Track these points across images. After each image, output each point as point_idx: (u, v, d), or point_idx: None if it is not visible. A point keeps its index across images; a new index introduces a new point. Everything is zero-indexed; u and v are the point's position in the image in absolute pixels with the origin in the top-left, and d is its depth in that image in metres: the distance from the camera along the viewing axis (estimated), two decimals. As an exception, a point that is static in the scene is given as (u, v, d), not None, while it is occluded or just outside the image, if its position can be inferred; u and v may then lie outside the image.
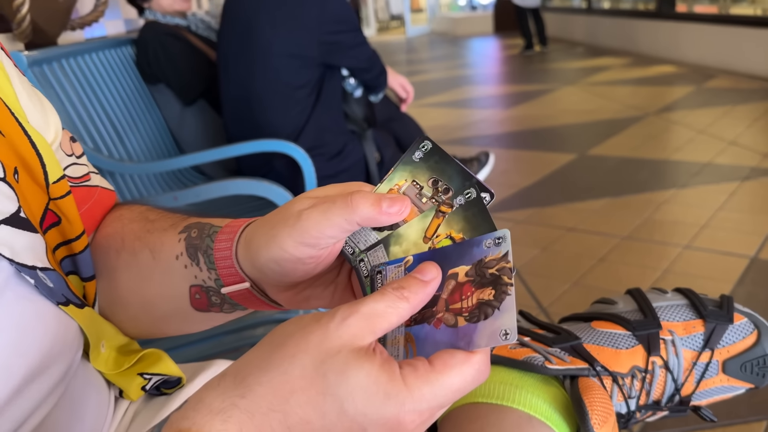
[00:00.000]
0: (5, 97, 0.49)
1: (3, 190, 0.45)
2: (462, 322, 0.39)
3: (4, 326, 0.44)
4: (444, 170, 0.45)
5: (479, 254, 0.41)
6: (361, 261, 0.46)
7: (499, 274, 0.39)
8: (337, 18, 2.10)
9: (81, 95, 1.91)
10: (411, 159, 0.45)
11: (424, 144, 0.45)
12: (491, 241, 0.41)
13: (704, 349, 0.64)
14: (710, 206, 2.83)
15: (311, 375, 0.35)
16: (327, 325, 0.36)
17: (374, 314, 0.37)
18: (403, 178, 0.46)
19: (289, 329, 0.37)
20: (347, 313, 0.36)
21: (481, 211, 0.44)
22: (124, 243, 0.58)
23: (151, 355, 0.62)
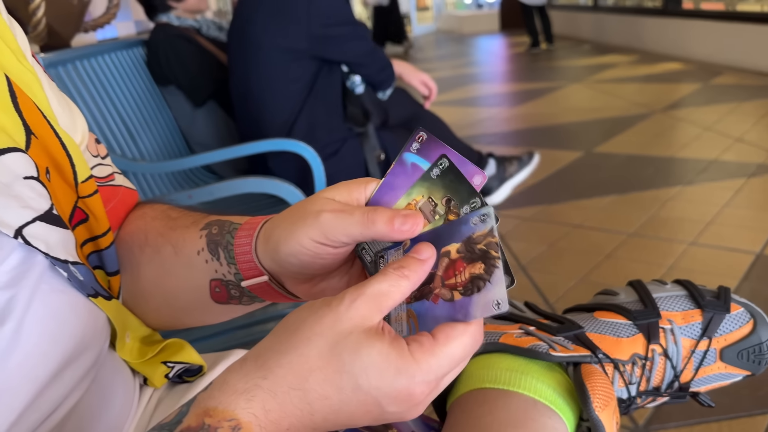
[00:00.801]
0: (38, 101, 0.51)
1: (37, 189, 0.48)
2: (458, 296, 0.42)
3: (41, 316, 0.47)
4: (457, 190, 0.46)
5: (467, 231, 0.44)
6: (363, 249, 0.50)
7: (487, 249, 0.42)
8: (327, 11, 2.09)
9: (94, 96, 1.94)
10: (429, 176, 0.47)
11: (442, 161, 0.47)
12: (477, 219, 0.44)
13: (702, 337, 0.67)
14: (716, 203, 2.84)
15: (327, 355, 0.39)
16: (337, 308, 0.40)
17: (379, 294, 0.41)
18: (421, 194, 0.48)
19: (302, 314, 0.41)
20: (355, 296, 0.40)
21: (457, 177, 0.47)
22: (147, 239, 0.62)
23: (174, 344, 0.66)
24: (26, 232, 0.46)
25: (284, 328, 0.41)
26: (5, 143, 0.45)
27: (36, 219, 0.47)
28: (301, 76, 2.14)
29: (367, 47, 2.25)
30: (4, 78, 0.47)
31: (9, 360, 0.44)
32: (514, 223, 2.88)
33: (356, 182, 0.50)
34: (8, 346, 0.44)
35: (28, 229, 0.46)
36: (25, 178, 0.46)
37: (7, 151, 0.45)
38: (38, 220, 0.47)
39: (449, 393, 0.64)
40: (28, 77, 0.51)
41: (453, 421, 0.60)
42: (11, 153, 0.45)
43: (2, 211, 0.44)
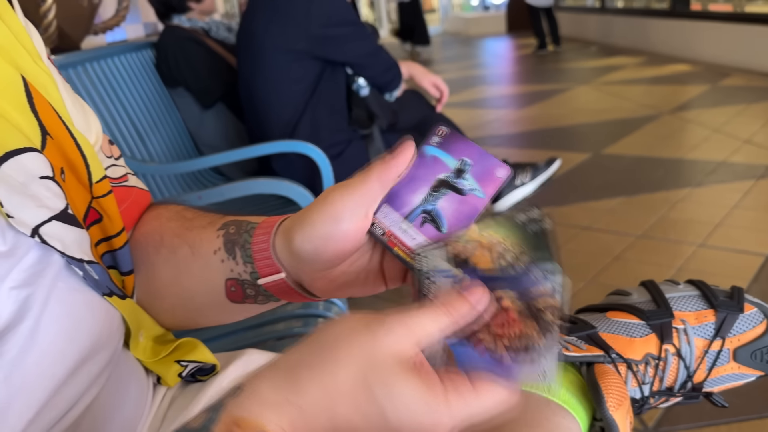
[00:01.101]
0: (54, 102, 0.52)
1: (53, 189, 0.48)
2: (502, 350, 0.40)
3: (58, 314, 0.47)
4: (536, 247, 0.45)
5: (528, 284, 0.41)
6: (419, 256, 0.47)
7: (545, 310, 0.40)
8: (327, 11, 2.09)
9: (104, 98, 1.95)
10: (515, 219, 0.46)
11: (533, 211, 0.46)
12: (541, 273, 0.41)
13: (715, 337, 0.66)
14: (725, 204, 2.83)
15: (359, 382, 0.38)
16: (375, 333, 0.39)
17: (419, 328, 0.40)
18: (498, 232, 0.46)
19: (338, 330, 0.40)
20: (395, 324, 0.39)
21: (542, 232, 0.45)
22: (163, 239, 0.62)
23: (188, 343, 0.66)
24: (43, 231, 0.46)
25: (319, 342, 0.41)
26: (22, 143, 0.46)
27: (52, 218, 0.47)
28: (303, 76, 2.14)
29: (369, 48, 2.24)
30: (20, 79, 0.48)
31: (26, 358, 0.44)
32: (522, 225, 2.87)
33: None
34: (25, 344, 0.44)
35: (44, 228, 0.46)
36: (41, 178, 0.47)
37: (24, 151, 0.46)
38: (54, 220, 0.47)
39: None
40: (44, 78, 0.51)
41: (465, 421, 0.60)
42: (28, 153, 0.46)
43: (19, 211, 0.44)
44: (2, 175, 0.44)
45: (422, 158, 0.49)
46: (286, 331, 1.19)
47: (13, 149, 0.45)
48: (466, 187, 0.49)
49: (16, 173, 0.45)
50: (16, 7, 0.52)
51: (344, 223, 0.48)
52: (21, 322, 0.44)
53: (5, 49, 0.48)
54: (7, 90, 0.46)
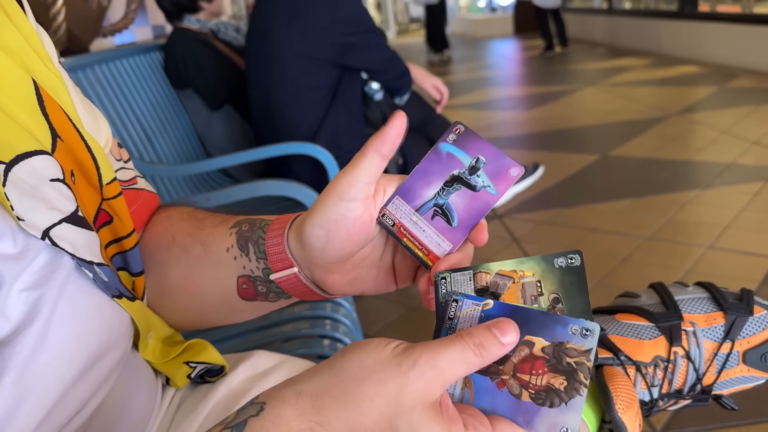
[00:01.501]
0: (64, 104, 0.52)
1: (63, 191, 0.48)
2: (526, 397, 0.40)
3: (68, 316, 0.48)
4: (573, 296, 0.44)
5: (562, 336, 0.40)
6: (444, 279, 0.47)
7: (577, 369, 0.39)
8: (349, 19, 2.10)
9: (113, 100, 1.96)
10: (553, 262, 0.45)
11: (574, 258, 0.45)
12: (578, 329, 0.40)
13: (725, 340, 0.66)
14: (734, 206, 2.82)
15: (385, 423, 0.39)
16: (407, 375, 0.39)
17: (449, 370, 0.39)
18: (533, 271, 0.45)
19: (368, 363, 0.40)
20: (426, 367, 0.39)
21: (579, 282, 0.44)
22: (175, 239, 0.62)
23: (197, 344, 0.66)
24: (53, 234, 0.46)
25: (347, 373, 0.40)
26: (33, 146, 0.46)
27: (62, 220, 0.47)
28: (323, 83, 2.15)
29: (387, 54, 2.26)
30: (31, 82, 0.48)
31: (36, 359, 0.44)
32: (529, 227, 2.87)
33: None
34: (36, 345, 0.44)
35: (54, 230, 0.46)
36: (51, 181, 0.47)
37: (35, 154, 0.46)
38: (64, 222, 0.47)
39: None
40: (55, 81, 0.52)
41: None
42: (38, 156, 0.46)
43: (30, 213, 0.45)
44: (13, 177, 0.44)
45: (437, 154, 0.49)
46: (293, 333, 1.19)
47: (24, 152, 0.45)
48: (479, 184, 0.49)
49: (27, 176, 0.45)
50: (27, 11, 0.53)
51: (352, 202, 0.49)
52: (31, 324, 0.44)
53: (16, 52, 0.48)
54: (18, 93, 0.47)
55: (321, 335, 1.15)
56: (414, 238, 0.50)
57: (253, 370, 0.72)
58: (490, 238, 2.64)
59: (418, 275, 0.53)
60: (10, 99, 0.46)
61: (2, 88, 0.45)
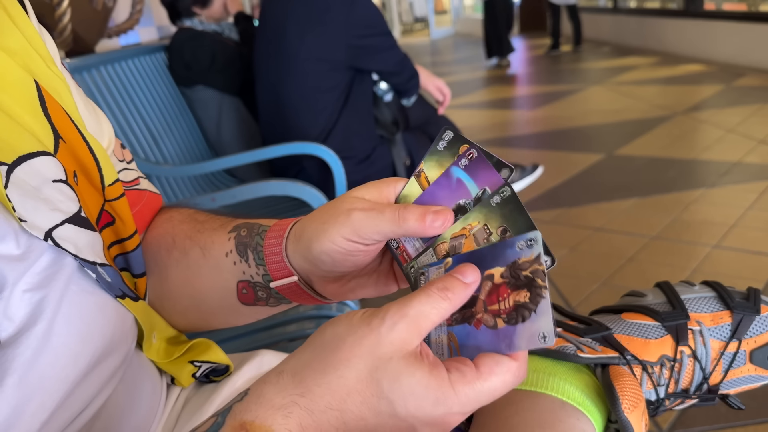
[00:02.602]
0: (66, 106, 0.52)
1: (66, 192, 0.48)
2: (501, 324, 0.41)
3: (71, 317, 0.48)
4: (516, 221, 0.45)
5: (513, 256, 0.42)
6: (412, 268, 0.49)
7: (533, 277, 0.40)
8: (364, 22, 2.12)
9: (118, 100, 1.97)
10: (489, 203, 0.46)
11: (504, 190, 0.46)
12: (523, 243, 0.42)
13: (732, 339, 0.66)
14: (740, 205, 2.81)
15: (366, 379, 0.39)
16: (378, 330, 0.39)
17: (420, 315, 0.40)
18: (477, 219, 0.47)
19: (340, 331, 0.40)
20: (396, 318, 0.39)
21: (517, 208, 0.45)
22: (175, 242, 0.62)
23: (201, 344, 0.66)
24: (56, 235, 0.46)
25: (322, 345, 0.41)
26: (35, 147, 0.46)
27: (65, 221, 0.47)
28: (335, 85, 2.16)
29: (399, 56, 2.28)
30: (33, 83, 0.48)
31: (40, 360, 0.44)
32: (535, 226, 2.86)
33: (385, 181, 0.51)
34: (39, 346, 0.44)
35: (57, 231, 0.46)
36: (54, 182, 0.47)
37: (37, 155, 0.46)
38: (67, 223, 0.47)
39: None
40: (57, 83, 0.52)
41: (480, 422, 0.60)
42: (41, 157, 0.46)
43: (33, 214, 0.45)
44: (15, 179, 0.44)
45: (448, 179, 0.49)
46: (298, 333, 1.19)
47: (26, 153, 0.45)
48: None
49: (30, 177, 0.45)
50: (29, 12, 0.53)
51: (366, 246, 0.49)
52: (35, 325, 0.44)
53: (18, 53, 0.48)
54: (20, 94, 0.47)
55: (326, 335, 1.15)
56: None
57: (258, 369, 0.72)
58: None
59: None
60: (12, 100, 0.46)
61: (4, 89, 0.46)
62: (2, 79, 0.46)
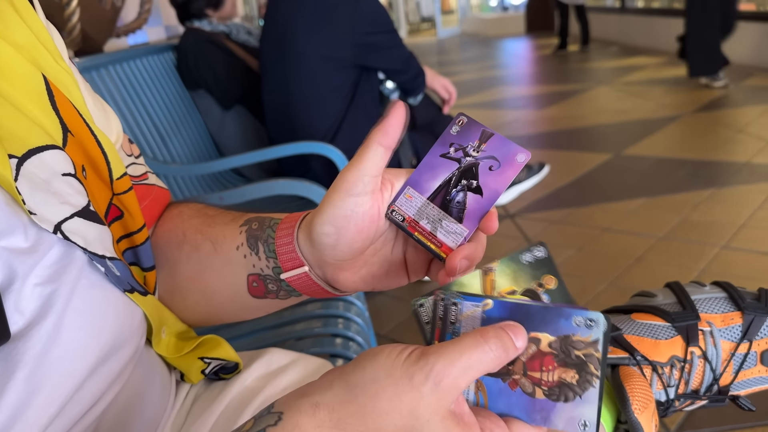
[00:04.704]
0: (74, 100, 0.52)
1: (75, 185, 0.49)
2: (540, 395, 0.39)
3: (80, 311, 0.48)
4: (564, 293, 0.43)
5: (567, 329, 0.39)
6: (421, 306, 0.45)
7: (586, 360, 0.39)
8: (370, 20, 2.12)
9: (126, 100, 1.97)
10: (520, 260, 0.45)
11: (539, 250, 0.45)
12: (582, 320, 0.39)
13: (742, 340, 0.65)
14: (749, 206, 2.80)
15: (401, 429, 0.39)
16: (420, 390, 0.38)
17: (463, 374, 0.38)
18: (504, 273, 0.45)
19: (380, 375, 0.39)
20: (440, 377, 0.38)
21: (552, 272, 0.44)
22: (185, 236, 0.62)
23: (211, 340, 0.66)
24: (65, 228, 0.46)
25: (361, 387, 0.40)
26: (44, 141, 0.46)
27: (74, 215, 0.47)
28: (342, 84, 2.16)
29: (405, 54, 2.28)
30: (41, 77, 0.48)
31: (50, 354, 0.44)
32: (542, 226, 2.86)
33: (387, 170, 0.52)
34: (49, 340, 0.44)
35: (66, 224, 0.46)
36: (63, 175, 0.47)
37: (46, 149, 0.46)
38: (76, 216, 0.48)
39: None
40: (65, 77, 0.52)
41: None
42: (50, 150, 0.46)
43: (42, 207, 0.45)
44: (25, 172, 0.44)
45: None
46: (306, 331, 1.19)
47: (36, 146, 0.45)
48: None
49: (39, 170, 0.45)
50: (37, 7, 0.53)
51: (359, 196, 0.49)
52: (45, 319, 0.44)
53: (26, 48, 0.48)
54: (29, 88, 0.47)
55: (333, 334, 1.15)
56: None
57: (267, 367, 0.72)
58: (502, 238, 2.62)
59: (431, 269, 0.53)
60: (21, 94, 0.46)
61: (13, 84, 0.46)
62: (11, 73, 0.46)
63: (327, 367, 0.76)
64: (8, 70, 0.46)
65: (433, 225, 0.49)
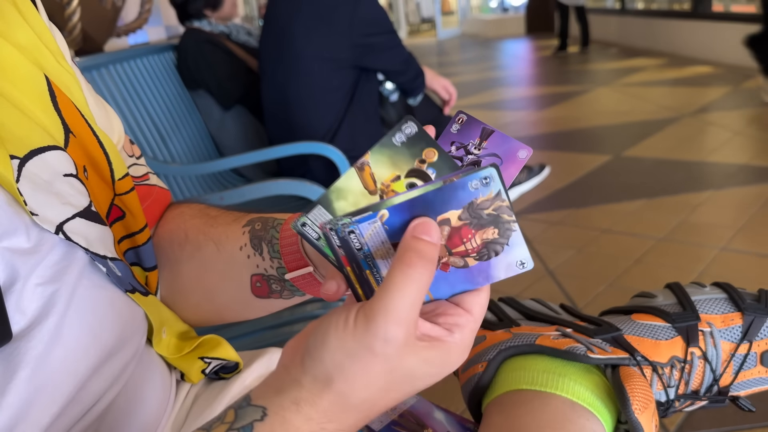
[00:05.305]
0: (76, 100, 0.52)
1: (76, 186, 0.49)
2: (472, 262, 0.40)
3: (82, 311, 0.48)
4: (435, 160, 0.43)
5: (467, 197, 0.39)
6: (304, 225, 0.43)
7: (498, 214, 0.39)
8: (369, 20, 2.12)
9: (126, 99, 1.97)
10: (392, 142, 0.43)
11: (408, 126, 0.43)
12: (478, 182, 0.39)
13: (742, 341, 0.66)
14: (747, 208, 2.80)
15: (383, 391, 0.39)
16: (385, 353, 0.37)
17: (411, 308, 0.37)
18: (379, 159, 0.43)
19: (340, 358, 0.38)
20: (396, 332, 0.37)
21: (429, 145, 0.43)
22: (187, 236, 0.62)
23: (211, 340, 0.66)
24: (67, 228, 0.46)
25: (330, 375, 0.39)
26: (46, 141, 0.46)
27: (76, 215, 0.48)
28: (341, 84, 2.16)
29: (405, 55, 2.28)
30: (44, 78, 0.48)
31: (51, 354, 0.45)
32: (542, 227, 2.86)
33: None
34: (51, 340, 0.44)
35: (68, 225, 0.47)
36: (65, 176, 0.47)
37: (49, 149, 0.46)
38: (78, 217, 0.48)
39: (485, 394, 0.64)
40: (67, 78, 0.52)
41: (489, 422, 0.60)
42: (52, 151, 0.47)
43: (44, 208, 0.45)
44: (27, 172, 0.44)
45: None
46: (306, 332, 1.19)
47: (38, 147, 0.45)
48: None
49: (41, 171, 0.45)
50: (40, 8, 0.53)
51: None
52: (46, 319, 0.44)
53: (28, 49, 0.48)
54: (31, 89, 0.47)
55: (333, 334, 1.15)
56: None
57: (268, 367, 0.72)
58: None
59: None
60: (22, 94, 0.46)
61: (15, 84, 0.46)
62: (13, 74, 0.46)
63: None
64: (10, 70, 0.46)
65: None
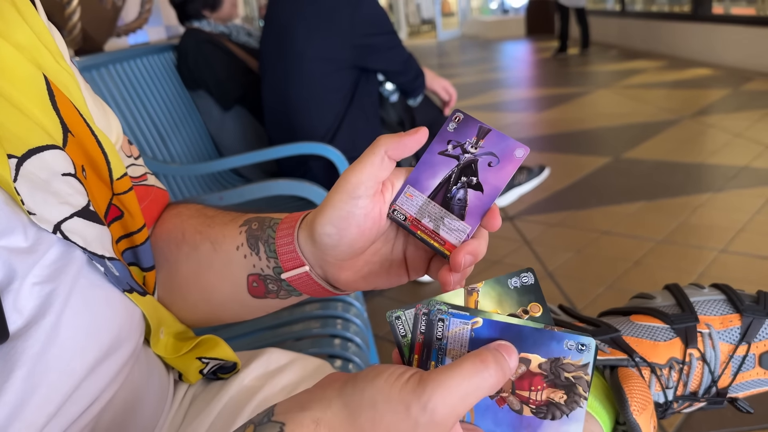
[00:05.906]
0: (75, 100, 0.52)
1: (74, 185, 0.49)
2: (527, 412, 0.40)
3: (79, 310, 0.48)
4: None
5: (558, 352, 0.40)
6: (398, 319, 0.45)
7: (575, 383, 0.39)
8: (370, 21, 2.12)
9: (126, 99, 1.97)
10: (507, 284, 0.44)
11: (527, 276, 0.44)
12: (574, 344, 0.39)
13: (741, 342, 0.66)
14: (747, 210, 2.80)
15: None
16: (417, 420, 0.37)
17: (460, 402, 0.37)
18: (489, 295, 0.44)
19: (378, 400, 0.38)
20: (437, 407, 0.37)
21: (538, 299, 0.43)
22: (184, 236, 0.62)
23: (209, 340, 0.66)
24: (65, 228, 0.46)
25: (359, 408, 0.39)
26: (45, 141, 0.46)
27: (74, 215, 0.48)
28: (342, 85, 2.16)
29: (405, 55, 2.28)
30: (42, 78, 0.48)
31: (48, 353, 0.44)
32: (541, 229, 2.86)
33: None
34: (47, 339, 0.44)
35: (66, 224, 0.47)
36: (63, 175, 0.47)
37: (46, 149, 0.46)
38: (76, 216, 0.48)
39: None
40: (66, 77, 0.52)
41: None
42: (50, 150, 0.46)
43: (41, 207, 0.45)
44: (25, 172, 0.44)
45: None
46: (304, 332, 1.19)
47: (36, 146, 0.45)
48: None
49: (39, 170, 0.45)
50: (38, 7, 0.53)
51: (361, 199, 0.49)
52: (43, 318, 0.44)
53: (27, 48, 0.48)
54: (30, 88, 0.47)
55: (332, 334, 1.15)
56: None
57: (266, 367, 0.72)
58: (501, 240, 2.61)
59: (431, 267, 0.53)
60: (21, 94, 0.46)
61: (14, 84, 0.46)
62: (12, 74, 0.46)
63: (325, 367, 0.76)
64: (9, 70, 0.46)
65: (435, 223, 0.49)
